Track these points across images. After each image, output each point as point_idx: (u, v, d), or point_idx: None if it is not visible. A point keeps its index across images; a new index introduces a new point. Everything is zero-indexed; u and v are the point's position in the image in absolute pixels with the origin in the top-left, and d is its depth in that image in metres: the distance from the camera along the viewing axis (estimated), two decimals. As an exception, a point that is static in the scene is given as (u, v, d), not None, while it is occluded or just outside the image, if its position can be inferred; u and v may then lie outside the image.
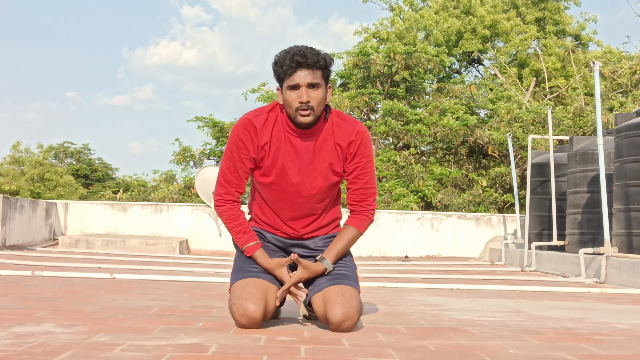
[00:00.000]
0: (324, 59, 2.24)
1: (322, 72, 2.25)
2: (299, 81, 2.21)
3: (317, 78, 2.23)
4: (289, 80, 2.22)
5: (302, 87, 2.21)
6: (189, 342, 1.93)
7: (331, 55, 2.57)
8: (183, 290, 3.70)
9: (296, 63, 2.19)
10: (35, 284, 3.79)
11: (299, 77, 2.20)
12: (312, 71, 2.21)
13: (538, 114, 12.56)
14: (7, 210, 7.68)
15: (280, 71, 2.23)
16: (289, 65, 2.20)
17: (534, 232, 7.62)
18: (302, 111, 2.22)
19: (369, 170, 2.39)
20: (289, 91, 2.23)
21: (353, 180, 2.39)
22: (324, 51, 2.27)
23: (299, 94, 2.21)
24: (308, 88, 2.22)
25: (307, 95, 2.21)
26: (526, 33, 18.83)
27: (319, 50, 2.25)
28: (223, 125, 13.64)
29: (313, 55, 2.21)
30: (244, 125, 2.31)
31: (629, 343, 2.21)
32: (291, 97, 2.23)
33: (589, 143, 6.81)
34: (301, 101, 2.20)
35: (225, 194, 2.37)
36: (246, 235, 2.36)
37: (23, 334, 1.99)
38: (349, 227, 2.41)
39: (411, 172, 11.93)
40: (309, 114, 2.23)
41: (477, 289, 4.35)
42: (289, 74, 2.21)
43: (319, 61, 2.22)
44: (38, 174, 22.63)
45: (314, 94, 2.23)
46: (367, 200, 2.42)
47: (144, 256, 7.32)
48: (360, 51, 13.88)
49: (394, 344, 2.03)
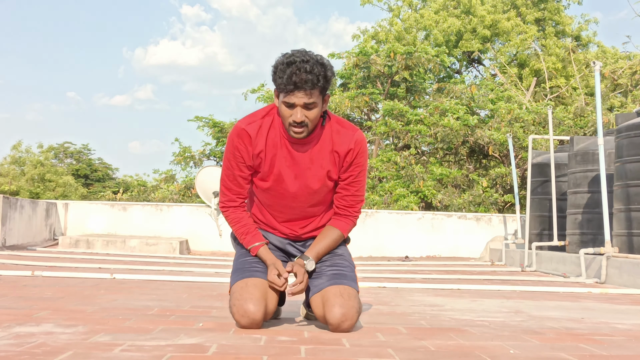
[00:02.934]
0: (324, 78, 2.16)
1: (320, 90, 2.18)
2: (295, 101, 2.16)
3: (314, 97, 2.17)
4: (285, 98, 2.17)
5: (297, 108, 2.16)
6: (189, 343, 1.93)
7: (331, 54, 2.53)
8: (183, 290, 3.70)
9: (294, 85, 2.13)
10: (36, 284, 3.79)
11: (296, 98, 2.15)
12: (310, 92, 2.15)
13: (539, 114, 12.56)
14: (7, 210, 7.68)
15: (277, 83, 2.18)
16: (285, 84, 2.13)
17: (534, 232, 7.61)
18: (295, 127, 2.19)
19: (361, 179, 2.39)
20: (284, 106, 2.19)
21: (345, 186, 2.38)
22: (326, 61, 2.19)
23: (293, 113, 2.17)
24: (303, 108, 2.17)
25: (302, 115, 2.17)
26: (526, 33, 18.82)
27: (321, 62, 2.16)
28: (223, 126, 13.63)
29: (312, 77, 2.12)
30: (237, 135, 2.30)
31: (630, 343, 2.20)
32: (286, 112, 2.19)
33: (589, 143, 6.81)
34: (295, 120, 2.17)
35: (228, 201, 2.39)
36: (249, 235, 2.37)
37: (23, 334, 1.99)
38: (333, 229, 2.40)
39: (411, 173, 11.93)
40: (302, 130, 2.20)
41: (477, 289, 4.35)
42: (286, 92, 2.15)
43: (319, 82, 2.15)
44: (38, 174, 22.64)
45: (311, 113, 2.19)
46: (354, 207, 2.41)
47: (144, 256, 7.31)
48: (361, 51, 13.89)
49: (394, 344, 2.03)
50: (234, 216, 2.39)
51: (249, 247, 2.36)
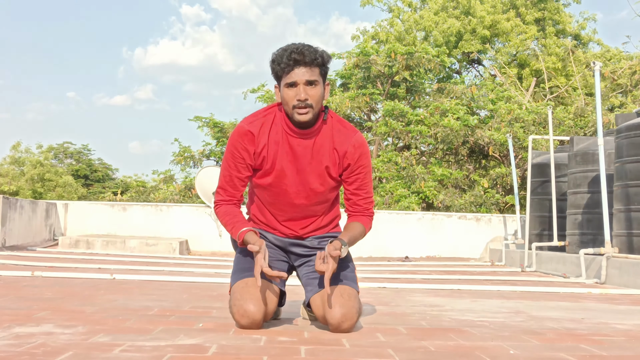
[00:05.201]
0: (321, 56, 2.22)
1: (319, 70, 2.23)
2: (297, 79, 2.19)
3: (315, 75, 2.22)
4: (286, 78, 2.21)
5: (299, 85, 2.20)
6: (189, 343, 1.93)
7: (331, 54, 2.54)
8: (183, 290, 3.70)
9: (294, 61, 2.18)
10: (35, 284, 3.79)
11: (297, 75, 2.19)
12: (310, 69, 2.20)
13: (539, 115, 12.56)
14: (7, 210, 7.68)
15: (277, 69, 2.22)
16: (286, 63, 2.19)
17: (534, 232, 7.61)
18: (299, 109, 2.21)
19: (368, 181, 2.41)
20: (287, 89, 2.22)
21: (355, 191, 2.39)
22: (321, 48, 2.26)
23: (296, 92, 2.20)
24: (306, 86, 2.20)
25: (305, 93, 2.20)
26: (526, 33, 18.83)
27: (317, 48, 2.24)
28: (223, 126, 13.63)
29: (310, 53, 2.20)
30: (240, 134, 2.30)
31: (630, 344, 2.20)
32: (289, 95, 2.21)
33: (589, 143, 6.81)
34: (299, 99, 2.19)
35: (221, 200, 2.39)
36: (238, 224, 2.31)
37: (23, 335, 1.99)
38: (357, 224, 2.39)
39: (412, 173, 11.93)
40: (307, 111, 2.22)
41: (477, 290, 4.35)
42: (287, 72, 2.20)
43: (317, 58, 2.21)
44: (38, 174, 22.64)
45: (312, 91, 2.21)
46: (368, 209, 2.44)
47: (144, 257, 7.31)
48: (361, 51, 13.89)
49: (394, 344, 2.03)
50: (224, 209, 2.37)
51: (237, 235, 2.28)
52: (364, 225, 2.41)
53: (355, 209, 2.42)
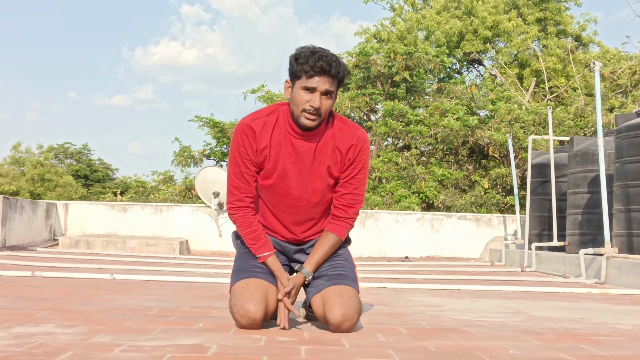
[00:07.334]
0: (344, 72, 2.24)
1: (338, 83, 2.25)
2: (317, 86, 2.19)
3: (333, 87, 2.22)
4: (306, 82, 2.20)
5: (317, 93, 2.19)
6: (189, 343, 1.93)
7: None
8: (183, 290, 3.70)
9: (320, 69, 2.18)
10: (35, 284, 3.79)
11: (318, 82, 2.19)
12: (332, 80, 2.21)
13: (538, 115, 12.56)
14: (7, 210, 7.68)
15: (299, 69, 2.21)
16: (311, 68, 2.18)
17: (534, 232, 7.61)
18: (309, 114, 2.21)
19: (362, 177, 2.38)
20: (303, 91, 2.21)
21: (344, 184, 2.37)
22: (343, 61, 2.28)
23: (311, 98, 2.20)
24: (322, 95, 2.21)
25: (320, 102, 2.20)
26: (527, 33, 18.83)
27: (341, 60, 2.25)
28: (224, 126, 13.62)
29: (337, 66, 2.20)
30: (241, 130, 2.30)
31: (629, 344, 2.21)
32: (303, 97, 2.21)
33: (589, 144, 6.81)
34: (312, 105, 2.19)
35: (236, 200, 2.35)
36: (259, 242, 2.34)
37: (23, 335, 1.99)
38: (330, 235, 2.38)
39: (412, 173, 11.93)
40: (315, 119, 2.22)
41: (477, 290, 4.35)
42: (309, 76, 2.19)
43: (340, 72, 2.22)
44: (38, 174, 22.66)
45: (326, 102, 2.22)
46: (353, 208, 2.39)
47: (144, 257, 7.32)
48: (361, 51, 13.89)
49: (394, 344, 2.03)
50: (242, 220, 2.35)
51: (258, 256, 2.34)
52: (338, 234, 2.38)
53: (338, 204, 2.38)
